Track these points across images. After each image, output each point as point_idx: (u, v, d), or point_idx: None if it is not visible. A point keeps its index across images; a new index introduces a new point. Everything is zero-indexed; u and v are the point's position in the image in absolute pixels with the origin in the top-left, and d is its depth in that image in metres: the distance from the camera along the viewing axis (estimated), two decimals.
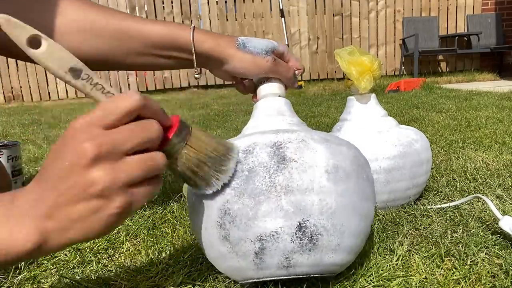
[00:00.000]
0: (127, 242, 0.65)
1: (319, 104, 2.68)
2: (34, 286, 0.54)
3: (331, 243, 0.42)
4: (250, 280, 0.45)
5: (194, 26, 0.55)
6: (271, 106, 0.52)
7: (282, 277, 0.43)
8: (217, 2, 4.87)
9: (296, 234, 0.40)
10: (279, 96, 0.55)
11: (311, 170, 0.41)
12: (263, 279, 0.44)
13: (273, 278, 0.43)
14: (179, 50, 0.55)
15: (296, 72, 0.58)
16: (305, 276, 0.44)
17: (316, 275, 0.44)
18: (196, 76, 0.58)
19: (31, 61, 0.56)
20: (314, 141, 0.43)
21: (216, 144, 0.40)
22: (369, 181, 0.47)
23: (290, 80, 0.57)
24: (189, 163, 0.38)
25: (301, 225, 0.40)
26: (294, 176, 0.40)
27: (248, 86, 0.60)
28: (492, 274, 0.50)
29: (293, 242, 0.41)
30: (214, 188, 0.41)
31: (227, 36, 0.56)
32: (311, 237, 0.41)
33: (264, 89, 0.55)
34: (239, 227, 0.41)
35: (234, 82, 0.61)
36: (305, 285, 0.48)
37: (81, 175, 0.29)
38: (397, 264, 0.53)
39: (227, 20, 4.91)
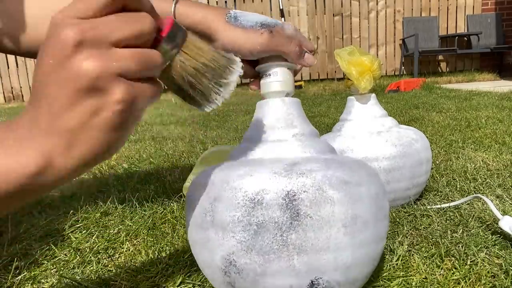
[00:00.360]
0: (127, 242, 0.65)
1: (319, 104, 2.68)
2: (34, 286, 0.54)
3: None
4: None
5: None
6: (278, 114, 0.45)
7: None
8: (217, 2, 4.87)
9: None
10: (287, 94, 0.47)
11: (327, 227, 0.37)
12: None
13: None
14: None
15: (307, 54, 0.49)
16: None
17: None
18: None
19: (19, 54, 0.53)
20: (331, 187, 0.38)
21: (215, 53, 0.35)
22: (386, 218, 0.43)
23: (295, 55, 0.46)
24: (185, 72, 0.33)
25: (313, 283, 0.38)
26: (309, 234, 0.37)
27: (244, 70, 0.50)
28: (492, 274, 0.50)
29: None
30: (214, 105, 0.36)
31: (217, 8, 0.48)
32: None
33: (268, 86, 0.47)
34: (246, 279, 0.38)
35: None
36: None
37: (66, 68, 0.25)
38: (397, 264, 0.53)
39: None
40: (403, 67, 4.94)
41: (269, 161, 0.41)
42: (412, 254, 0.56)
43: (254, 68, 0.49)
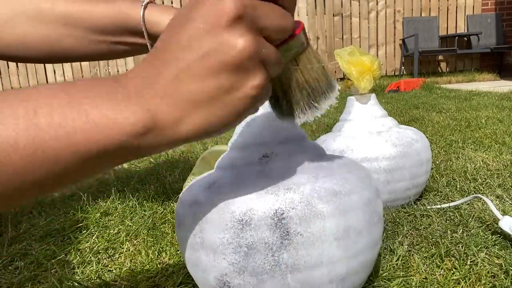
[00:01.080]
0: (127, 242, 0.65)
1: None
2: (34, 286, 0.54)
3: None
4: None
5: (149, 2, 0.46)
6: (258, 115, 0.44)
7: None
8: None
9: None
10: None
11: (319, 242, 0.36)
12: None
13: None
14: (132, 34, 0.47)
15: None
16: None
17: None
18: None
19: (15, 61, 0.52)
20: (320, 200, 0.36)
21: (322, 73, 0.34)
22: (380, 221, 0.42)
23: None
24: (286, 80, 0.32)
25: None
26: (301, 252, 0.36)
27: None
28: (492, 274, 0.50)
29: None
30: (291, 120, 0.35)
31: None
32: None
33: None
34: None
35: None
36: None
37: (218, 39, 0.23)
38: (397, 264, 0.53)
39: None
40: (403, 67, 4.94)
41: (255, 175, 0.40)
42: (412, 254, 0.56)
43: None
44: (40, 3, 0.46)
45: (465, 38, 4.86)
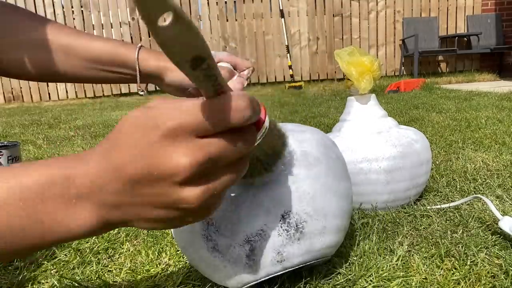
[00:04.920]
0: (127, 243, 0.66)
1: (319, 105, 2.68)
2: (34, 286, 0.54)
3: (317, 227, 0.43)
4: (248, 285, 0.44)
5: (141, 46, 0.56)
6: None
7: (279, 273, 0.43)
8: (217, 2, 4.87)
9: (281, 227, 0.41)
10: None
11: (280, 162, 0.41)
12: (260, 280, 0.43)
13: (269, 277, 0.43)
14: (121, 66, 0.56)
15: (246, 71, 0.56)
16: (301, 266, 0.44)
17: (311, 263, 0.45)
18: (140, 93, 0.59)
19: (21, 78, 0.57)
20: (277, 130, 0.42)
21: (277, 141, 0.38)
22: (340, 160, 0.49)
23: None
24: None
25: (284, 216, 0.41)
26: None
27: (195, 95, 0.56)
28: (492, 274, 0.50)
29: (280, 235, 0.41)
30: (247, 182, 0.41)
31: None
32: (296, 226, 0.42)
33: None
34: (225, 234, 0.41)
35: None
36: (302, 284, 0.48)
37: (170, 190, 0.25)
38: (397, 264, 0.53)
39: (227, 20, 4.91)
40: (403, 68, 4.94)
41: None
42: (412, 254, 0.56)
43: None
44: (44, 35, 0.55)
45: (465, 39, 4.86)
